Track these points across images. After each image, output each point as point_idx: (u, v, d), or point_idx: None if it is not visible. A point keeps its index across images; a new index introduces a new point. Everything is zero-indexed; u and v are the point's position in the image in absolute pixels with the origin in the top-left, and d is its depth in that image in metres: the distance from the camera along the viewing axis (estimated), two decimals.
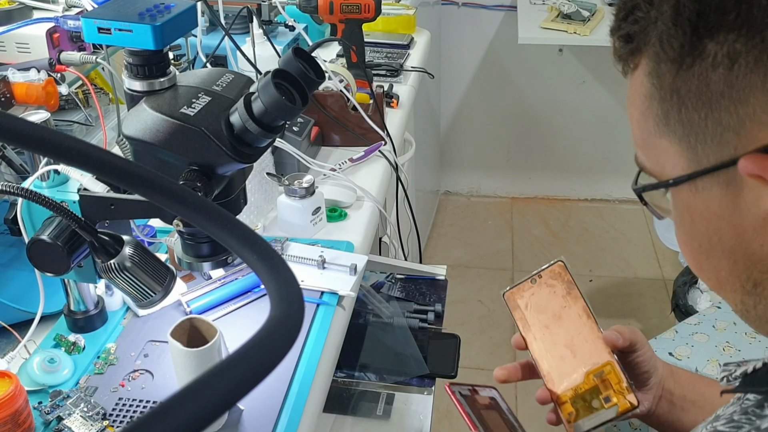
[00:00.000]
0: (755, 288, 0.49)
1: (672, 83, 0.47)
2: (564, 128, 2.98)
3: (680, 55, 0.46)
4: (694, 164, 0.48)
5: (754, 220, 0.46)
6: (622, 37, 0.51)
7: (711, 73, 0.45)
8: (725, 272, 0.51)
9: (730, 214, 0.47)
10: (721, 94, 0.45)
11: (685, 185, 0.49)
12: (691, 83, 0.46)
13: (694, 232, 0.51)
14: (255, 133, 0.72)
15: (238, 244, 0.44)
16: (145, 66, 0.75)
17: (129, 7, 0.75)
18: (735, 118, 0.45)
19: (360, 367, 1.14)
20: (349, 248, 1.14)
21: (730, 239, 0.48)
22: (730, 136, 0.45)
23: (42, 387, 0.87)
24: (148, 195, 0.46)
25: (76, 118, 1.27)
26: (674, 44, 0.46)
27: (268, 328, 0.36)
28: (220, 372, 0.32)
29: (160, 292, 0.80)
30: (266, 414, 0.85)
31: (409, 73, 1.76)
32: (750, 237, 0.47)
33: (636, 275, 2.69)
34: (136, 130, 0.73)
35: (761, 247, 0.47)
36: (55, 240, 0.79)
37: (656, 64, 0.48)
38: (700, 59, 0.45)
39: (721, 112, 0.45)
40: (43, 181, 0.84)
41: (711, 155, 0.47)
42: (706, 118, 0.46)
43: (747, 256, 0.48)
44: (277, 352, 0.35)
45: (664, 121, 0.49)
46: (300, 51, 0.76)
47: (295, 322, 0.37)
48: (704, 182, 0.48)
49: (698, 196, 0.49)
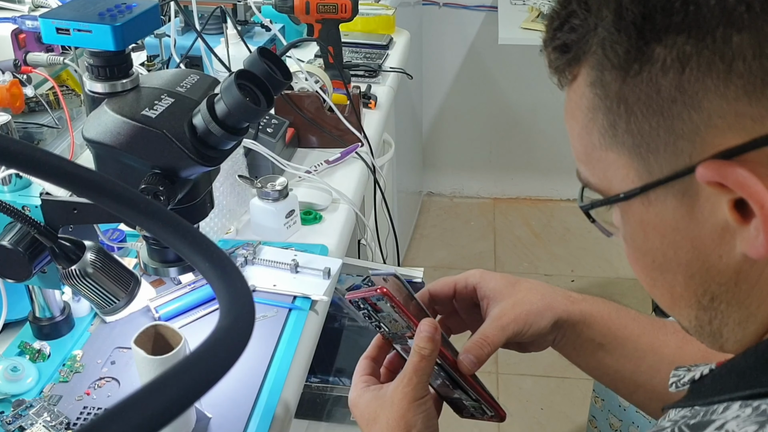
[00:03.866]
0: (712, 302, 0.47)
1: (618, 92, 0.44)
2: (546, 129, 2.98)
3: (626, 61, 0.43)
4: (646, 176, 0.45)
5: (712, 230, 0.44)
6: (558, 47, 0.47)
7: (661, 79, 0.42)
8: (680, 287, 0.48)
9: (686, 225, 0.45)
10: (673, 100, 0.42)
11: (636, 198, 0.46)
12: (640, 90, 0.43)
13: (648, 247, 0.48)
14: (218, 136, 0.70)
15: (190, 250, 0.42)
16: (106, 67, 0.73)
17: (89, 7, 0.73)
18: (689, 124, 0.42)
19: (335, 372, 1.12)
20: (324, 251, 1.13)
21: (687, 252, 0.46)
22: (684, 144, 0.43)
23: (5, 396, 0.85)
24: (97, 200, 0.44)
25: (44, 121, 1.25)
26: (619, 50, 0.43)
27: (215, 339, 0.35)
28: (162, 382, 0.31)
29: (124, 298, 0.79)
30: (235, 421, 0.83)
31: (388, 73, 1.74)
32: (708, 249, 0.45)
33: (618, 275, 2.70)
34: (97, 133, 0.71)
35: (719, 258, 0.45)
36: (15, 246, 0.77)
37: (599, 73, 0.45)
38: (648, 64, 0.43)
39: (673, 119, 0.43)
40: (4, 185, 0.82)
41: (664, 165, 0.44)
42: (658, 127, 0.43)
43: (705, 269, 0.46)
44: (222, 362, 0.34)
45: (611, 132, 0.46)
46: (265, 51, 0.74)
47: (244, 331, 0.36)
48: (657, 194, 0.45)
49: (651, 208, 0.46)
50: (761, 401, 0.43)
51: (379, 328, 0.71)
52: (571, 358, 0.76)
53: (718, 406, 0.45)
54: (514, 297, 0.73)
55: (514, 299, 0.72)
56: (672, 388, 0.53)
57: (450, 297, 0.76)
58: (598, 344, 0.74)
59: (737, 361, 0.48)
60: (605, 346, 0.74)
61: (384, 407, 0.66)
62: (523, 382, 2.19)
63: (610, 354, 0.73)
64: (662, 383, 0.54)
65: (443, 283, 0.76)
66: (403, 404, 0.65)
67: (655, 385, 0.72)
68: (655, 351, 0.73)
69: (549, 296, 0.73)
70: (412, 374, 0.65)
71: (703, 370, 0.51)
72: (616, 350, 0.73)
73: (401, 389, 0.65)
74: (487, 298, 0.74)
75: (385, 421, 0.66)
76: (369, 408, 0.67)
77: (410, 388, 0.65)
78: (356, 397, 0.69)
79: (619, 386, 0.76)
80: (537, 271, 2.71)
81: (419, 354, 0.66)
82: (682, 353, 0.72)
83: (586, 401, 1.85)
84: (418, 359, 0.66)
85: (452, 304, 0.77)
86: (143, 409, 0.29)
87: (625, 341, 0.73)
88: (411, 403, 0.65)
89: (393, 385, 0.67)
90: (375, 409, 0.67)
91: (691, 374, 0.51)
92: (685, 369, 0.53)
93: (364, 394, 0.69)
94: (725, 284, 0.46)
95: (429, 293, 0.75)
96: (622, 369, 0.73)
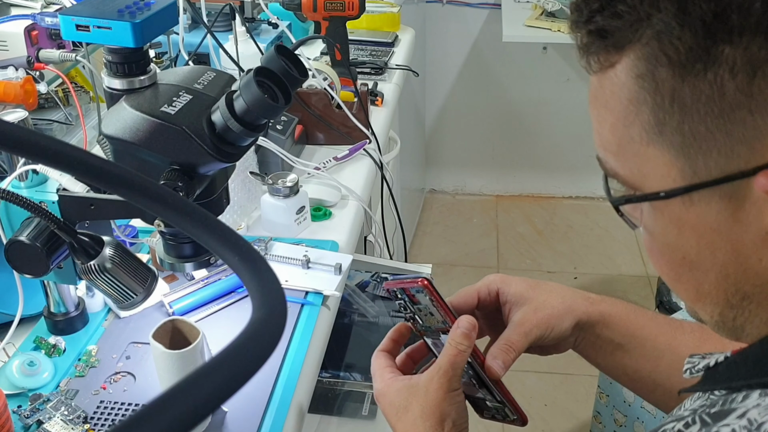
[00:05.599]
0: (742, 301, 0.48)
1: (673, 89, 0.43)
2: (549, 126, 2.98)
3: (688, 59, 0.42)
4: (690, 175, 0.45)
5: (756, 234, 0.44)
6: (595, 31, 0.46)
7: (727, 82, 0.41)
8: (709, 285, 0.48)
9: (729, 228, 0.45)
10: (739, 105, 0.41)
11: (677, 198, 0.46)
12: (701, 91, 0.42)
13: (680, 244, 0.48)
14: (237, 132, 0.71)
15: (219, 245, 0.43)
16: (124, 64, 0.74)
17: (108, 4, 0.74)
18: (751, 130, 0.42)
19: (345, 367, 1.13)
20: (334, 247, 1.13)
21: (725, 253, 0.46)
22: (741, 149, 0.42)
23: (21, 390, 0.85)
24: (126, 195, 0.45)
25: (55, 117, 1.25)
26: (680, 47, 0.42)
27: (251, 331, 0.36)
28: (202, 375, 0.32)
29: (142, 293, 0.79)
30: (251, 416, 0.84)
31: (394, 71, 1.75)
32: (749, 251, 0.45)
33: (620, 272, 2.70)
34: (116, 129, 0.72)
35: (759, 261, 0.45)
36: (33, 241, 0.77)
37: (651, 67, 0.43)
38: (714, 66, 0.41)
39: (734, 123, 0.42)
40: (21, 182, 0.83)
41: (714, 167, 0.43)
42: (716, 130, 0.42)
43: (741, 270, 0.46)
44: (259, 354, 0.35)
45: (657, 129, 0.45)
46: (283, 48, 0.75)
47: (278, 324, 0.37)
48: (702, 195, 0.45)
49: (693, 209, 0.46)
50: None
51: (412, 320, 0.72)
52: (590, 358, 0.77)
53: (737, 395, 0.46)
54: (535, 301, 0.73)
55: (536, 304, 0.73)
56: (686, 374, 0.54)
57: (473, 308, 0.76)
58: (617, 344, 0.74)
59: (753, 350, 0.49)
60: (624, 346, 0.74)
61: (417, 396, 0.67)
62: (527, 379, 2.20)
63: (629, 354, 0.74)
64: (681, 382, 0.55)
65: (465, 293, 0.76)
66: (438, 394, 0.66)
67: (674, 383, 0.72)
68: (673, 350, 0.73)
69: (569, 299, 0.74)
70: (448, 367, 0.66)
71: (718, 358, 0.51)
72: (635, 350, 0.74)
73: (437, 380, 0.66)
74: (509, 303, 0.75)
75: (419, 410, 0.67)
76: (400, 396, 0.68)
77: (446, 379, 0.66)
78: (384, 386, 0.70)
79: (638, 386, 0.76)
80: (540, 268, 2.72)
81: (456, 348, 0.67)
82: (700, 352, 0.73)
83: (590, 397, 1.86)
84: (455, 353, 0.67)
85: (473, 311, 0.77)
86: (194, 396, 0.30)
87: (644, 341, 0.74)
88: (446, 393, 0.66)
89: (427, 375, 0.68)
90: (407, 398, 0.68)
91: (706, 361, 0.52)
92: (700, 356, 0.53)
93: (393, 383, 0.69)
94: (760, 285, 0.46)
95: (452, 306, 0.74)
96: (641, 369, 0.74)
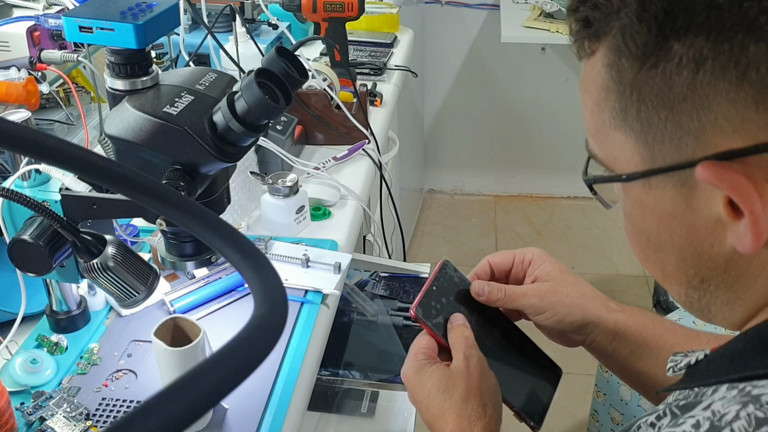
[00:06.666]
0: (702, 283, 0.50)
1: (633, 80, 0.46)
2: (547, 126, 3.00)
3: (644, 53, 0.45)
4: (649, 162, 0.47)
5: (706, 221, 0.46)
6: (580, 20, 0.48)
7: (675, 76, 0.44)
8: (672, 267, 0.51)
9: (683, 213, 0.47)
10: (684, 98, 0.44)
11: (638, 181, 0.48)
12: (653, 83, 0.45)
13: (644, 225, 0.51)
14: (238, 132, 0.72)
15: (222, 243, 0.44)
16: (127, 65, 0.75)
17: (111, 6, 0.75)
18: (696, 123, 0.44)
19: (344, 366, 1.14)
20: (333, 247, 1.14)
21: (681, 237, 0.48)
22: (689, 140, 0.45)
23: (24, 388, 0.86)
24: (130, 195, 0.46)
25: (57, 117, 1.26)
26: (638, 41, 0.45)
27: (252, 327, 0.36)
28: (203, 370, 0.33)
29: (144, 291, 0.80)
30: (251, 412, 0.85)
31: (393, 71, 1.76)
32: (701, 237, 0.47)
33: (618, 272, 2.72)
34: (119, 130, 0.73)
35: (711, 246, 0.47)
36: (36, 240, 0.78)
37: (617, 58, 0.46)
38: (664, 60, 0.44)
39: (681, 115, 0.44)
40: (24, 181, 0.84)
41: (667, 155, 0.46)
42: (666, 120, 0.45)
43: (696, 254, 0.48)
44: (260, 350, 0.35)
45: (621, 116, 0.48)
46: (283, 50, 0.76)
47: (279, 320, 0.37)
48: (658, 180, 0.47)
49: (651, 192, 0.48)
50: (747, 383, 0.45)
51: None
52: (602, 360, 0.79)
53: (708, 389, 0.48)
54: (556, 284, 0.76)
55: (555, 285, 0.76)
56: (669, 372, 0.55)
57: (508, 269, 0.80)
58: (630, 352, 0.76)
59: (729, 346, 0.50)
60: (637, 353, 0.76)
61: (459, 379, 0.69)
62: None
63: (643, 361, 0.76)
64: None
65: (503, 255, 0.80)
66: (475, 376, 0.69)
67: None
68: None
69: (587, 298, 0.76)
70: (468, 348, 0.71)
71: (698, 356, 0.53)
72: (648, 358, 0.75)
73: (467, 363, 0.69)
74: (536, 277, 0.77)
75: (464, 387, 0.68)
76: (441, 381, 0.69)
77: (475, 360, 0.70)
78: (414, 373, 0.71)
79: (649, 391, 0.78)
80: None
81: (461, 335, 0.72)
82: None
83: (588, 396, 1.87)
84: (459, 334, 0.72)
85: (505, 279, 0.80)
86: (196, 390, 0.31)
87: (658, 351, 0.75)
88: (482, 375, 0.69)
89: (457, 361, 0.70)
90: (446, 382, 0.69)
91: (688, 359, 0.54)
92: (683, 354, 0.55)
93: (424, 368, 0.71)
94: (715, 269, 0.49)
95: (489, 263, 0.80)
96: (654, 375, 0.75)
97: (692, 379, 0.52)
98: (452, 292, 0.77)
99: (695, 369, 0.52)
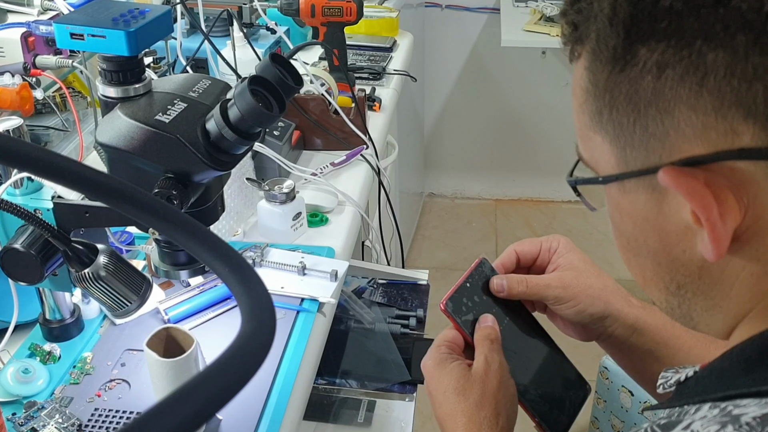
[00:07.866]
0: (678, 290, 0.50)
1: (605, 83, 0.47)
2: (547, 130, 2.99)
3: (614, 56, 0.45)
4: (623, 165, 0.48)
5: (677, 226, 0.46)
6: (569, 23, 0.49)
7: (640, 80, 0.44)
8: (650, 272, 0.51)
9: (655, 217, 0.47)
10: (649, 102, 0.44)
11: (614, 184, 0.49)
12: (622, 86, 0.45)
13: (623, 228, 0.51)
14: (231, 140, 0.71)
15: (210, 255, 0.43)
16: (119, 72, 0.74)
17: (102, 13, 0.74)
18: (660, 128, 0.44)
19: (341, 374, 1.13)
20: (330, 254, 1.13)
21: (654, 242, 0.49)
22: (656, 144, 0.45)
23: (16, 398, 0.85)
24: (116, 205, 0.45)
25: (52, 123, 1.25)
26: (609, 44, 0.45)
27: (238, 345, 0.36)
28: (189, 390, 0.32)
29: (136, 301, 0.79)
30: (245, 422, 0.84)
31: (392, 76, 1.75)
32: (673, 242, 0.47)
33: (619, 277, 2.66)
34: (111, 138, 0.72)
35: (683, 252, 0.47)
36: (28, 249, 0.77)
37: (593, 61, 0.47)
38: (631, 64, 0.45)
39: (648, 119, 0.45)
40: (16, 189, 0.83)
41: (638, 159, 0.46)
42: (635, 123, 0.46)
43: (670, 260, 0.49)
44: (247, 368, 0.35)
45: (597, 118, 0.48)
46: (277, 57, 0.75)
47: (266, 339, 0.37)
48: (632, 184, 0.48)
49: (626, 196, 0.49)
50: (729, 402, 0.44)
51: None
52: (615, 357, 0.78)
53: (691, 407, 0.47)
54: (579, 274, 0.76)
55: (579, 273, 0.76)
56: (659, 389, 0.55)
57: (535, 257, 0.79)
58: (647, 350, 0.75)
59: (716, 364, 0.50)
60: (654, 353, 0.75)
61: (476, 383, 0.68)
62: None
63: (659, 361, 0.75)
64: None
65: (530, 243, 0.80)
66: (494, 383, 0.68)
67: None
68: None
69: (609, 291, 0.76)
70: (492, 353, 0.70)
71: (688, 372, 0.52)
72: (665, 358, 0.75)
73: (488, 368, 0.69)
74: (558, 265, 0.77)
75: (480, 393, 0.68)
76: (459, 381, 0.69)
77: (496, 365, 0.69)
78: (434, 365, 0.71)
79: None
80: None
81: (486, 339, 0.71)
82: None
83: (588, 403, 1.86)
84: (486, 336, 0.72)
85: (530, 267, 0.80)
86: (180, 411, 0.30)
87: (676, 351, 0.74)
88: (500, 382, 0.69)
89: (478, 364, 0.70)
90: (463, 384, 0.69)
91: (678, 376, 0.53)
92: (674, 371, 0.54)
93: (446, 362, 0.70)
94: (689, 276, 0.48)
95: (515, 252, 0.79)
96: None
97: (680, 397, 0.51)
98: (486, 291, 0.76)
99: (684, 386, 0.52)
